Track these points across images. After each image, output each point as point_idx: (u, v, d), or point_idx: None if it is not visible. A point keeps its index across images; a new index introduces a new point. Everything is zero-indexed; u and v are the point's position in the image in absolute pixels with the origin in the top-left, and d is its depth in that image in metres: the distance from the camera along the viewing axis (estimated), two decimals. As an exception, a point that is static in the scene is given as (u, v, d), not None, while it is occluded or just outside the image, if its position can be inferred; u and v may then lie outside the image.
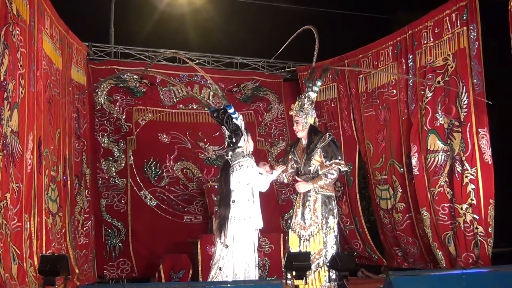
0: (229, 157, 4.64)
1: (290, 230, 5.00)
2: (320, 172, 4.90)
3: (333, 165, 4.85)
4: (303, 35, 5.52)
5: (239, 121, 4.66)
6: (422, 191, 6.00)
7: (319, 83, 5.23)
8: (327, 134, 5.01)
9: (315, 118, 5.12)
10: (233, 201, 4.49)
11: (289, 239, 4.96)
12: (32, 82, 4.55)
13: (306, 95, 5.10)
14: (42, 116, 4.83)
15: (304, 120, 5.00)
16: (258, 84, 7.98)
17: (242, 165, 4.55)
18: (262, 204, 4.75)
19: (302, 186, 4.90)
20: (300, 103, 5.05)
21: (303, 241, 4.83)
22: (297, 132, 5.08)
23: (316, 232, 4.81)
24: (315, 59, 5.44)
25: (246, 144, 4.70)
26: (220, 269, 4.38)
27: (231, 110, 4.61)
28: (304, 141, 5.07)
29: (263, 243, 6.31)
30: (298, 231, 4.89)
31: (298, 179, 4.96)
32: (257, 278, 4.54)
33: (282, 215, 7.63)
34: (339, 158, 4.95)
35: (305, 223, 4.87)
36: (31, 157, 4.48)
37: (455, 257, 5.68)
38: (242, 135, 4.66)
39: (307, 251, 4.69)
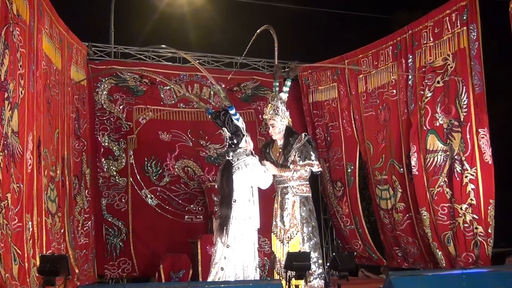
0: (230, 157, 4.63)
1: (272, 234, 5.01)
2: (291, 166, 4.91)
3: (306, 166, 4.90)
4: (305, 35, 5.52)
5: (240, 122, 4.64)
6: (421, 191, 6.01)
7: (288, 83, 5.16)
8: (303, 134, 5.03)
9: (288, 118, 5.10)
10: (234, 201, 4.49)
11: (272, 243, 4.99)
12: (31, 82, 4.54)
13: (278, 97, 5.06)
14: (42, 117, 4.82)
15: (280, 123, 5.01)
16: (258, 83, 7.99)
17: (247, 164, 4.54)
18: (263, 205, 4.76)
19: (269, 166, 4.87)
20: (273, 107, 5.02)
21: (284, 244, 4.84)
22: (273, 135, 5.07)
23: (295, 234, 4.84)
24: (276, 56, 5.42)
25: (247, 144, 4.70)
26: (222, 269, 4.38)
27: (232, 111, 4.59)
28: (280, 142, 5.07)
29: (263, 243, 6.31)
30: (279, 234, 4.91)
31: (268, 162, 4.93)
32: (257, 278, 4.54)
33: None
34: (313, 159, 4.95)
35: (284, 226, 4.89)
36: (31, 157, 4.47)
37: (455, 257, 5.68)
38: (243, 136, 4.65)
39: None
